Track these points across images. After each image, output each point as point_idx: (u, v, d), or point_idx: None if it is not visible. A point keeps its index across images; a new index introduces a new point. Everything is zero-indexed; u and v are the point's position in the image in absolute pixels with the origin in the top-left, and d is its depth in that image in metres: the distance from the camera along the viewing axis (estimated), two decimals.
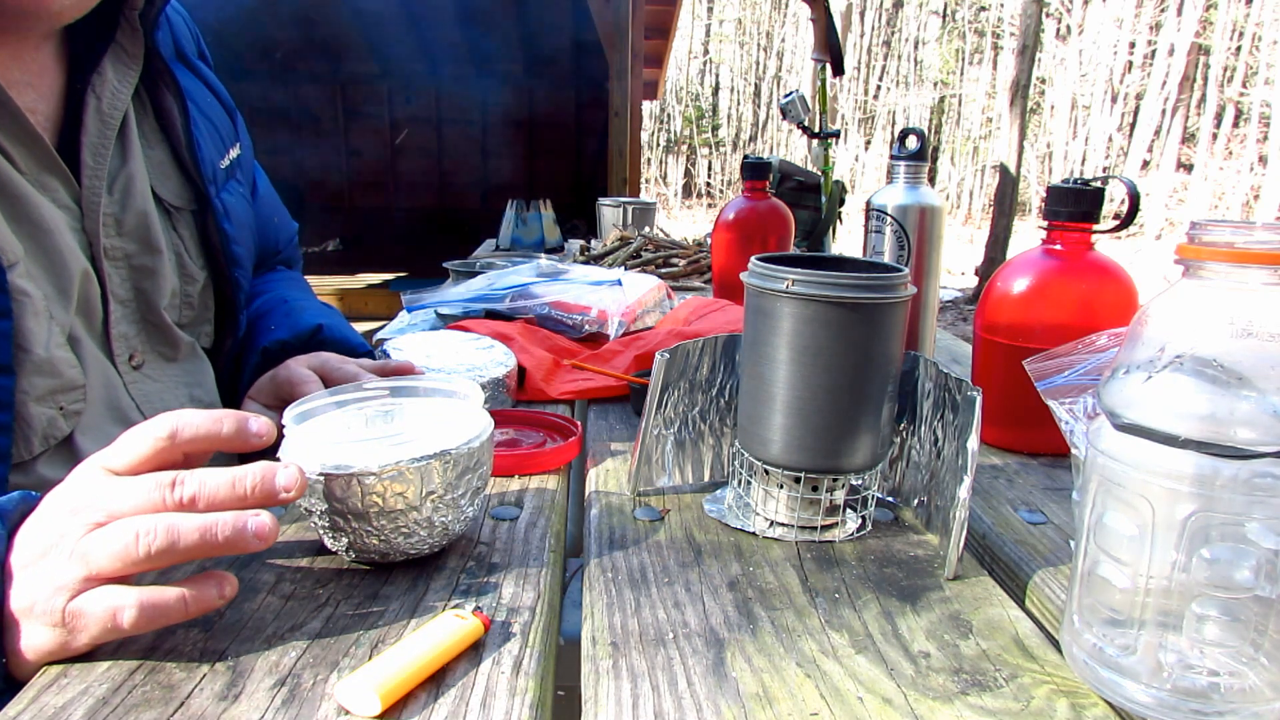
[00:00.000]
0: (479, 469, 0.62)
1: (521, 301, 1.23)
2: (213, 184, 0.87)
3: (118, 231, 0.78)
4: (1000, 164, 9.77)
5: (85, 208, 0.75)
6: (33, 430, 0.68)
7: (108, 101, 0.76)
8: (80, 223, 0.74)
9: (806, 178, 2.08)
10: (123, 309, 0.79)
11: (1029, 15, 9.38)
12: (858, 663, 0.50)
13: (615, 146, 5.43)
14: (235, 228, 0.90)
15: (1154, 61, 16.85)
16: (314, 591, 0.57)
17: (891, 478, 0.74)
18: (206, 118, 0.89)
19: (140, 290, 0.80)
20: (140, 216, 0.79)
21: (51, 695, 0.46)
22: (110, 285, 0.77)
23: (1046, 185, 0.93)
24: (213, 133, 0.90)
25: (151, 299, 0.81)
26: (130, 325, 0.80)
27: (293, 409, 0.62)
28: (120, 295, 0.78)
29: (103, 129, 0.76)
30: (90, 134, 0.75)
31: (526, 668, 0.49)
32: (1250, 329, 0.43)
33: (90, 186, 0.75)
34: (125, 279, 0.79)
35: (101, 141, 0.76)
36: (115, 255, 0.78)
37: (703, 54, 21.33)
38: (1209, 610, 0.44)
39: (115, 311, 0.77)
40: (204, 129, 0.87)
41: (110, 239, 0.77)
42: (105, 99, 0.76)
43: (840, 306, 0.61)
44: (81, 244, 0.74)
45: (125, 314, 0.79)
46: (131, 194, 0.79)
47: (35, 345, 0.67)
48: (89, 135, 0.75)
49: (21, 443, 0.67)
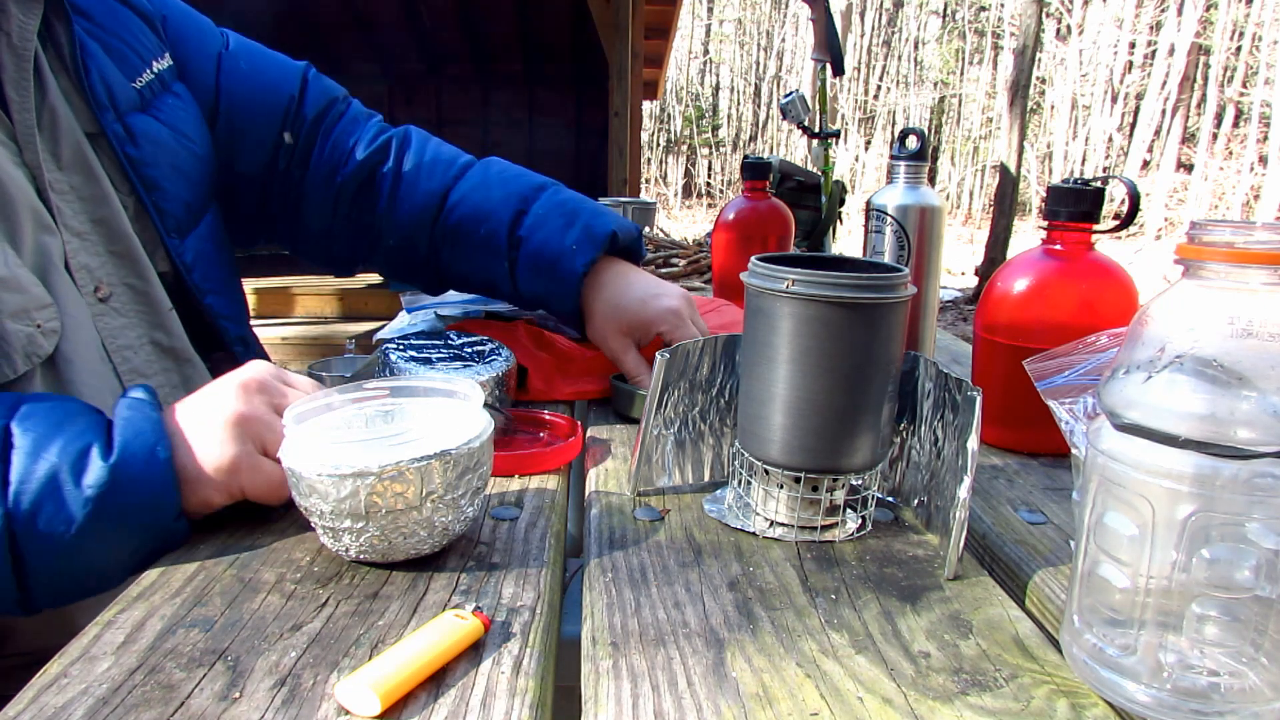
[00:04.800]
0: (479, 469, 0.62)
1: None
2: (109, 109, 0.84)
3: (58, 165, 0.79)
4: (1000, 164, 9.77)
5: (21, 141, 0.75)
6: (13, 348, 0.70)
7: (16, 35, 0.77)
8: (20, 157, 0.75)
9: (806, 178, 2.08)
10: (80, 241, 0.79)
11: (1029, 15, 9.38)
12: (858, 663, 0.50)
13: (615, 146, 5.43)
14: (144, 150, 0.87)
15: (1154, 61, 16.86)
16: (314, 591, 0.57)
17: (891, 478, 0.74)
18: (115, 36, 0.88)
19: (99, 220, 0.81)
20: (75, 146, 0.80)
21: (51, 695, 0.46)
22: (63, 219, 0.78)
23: (1046, 185, 0.93)
24: (122, 51, 0.88)
25: (115, 227, 0.82)
26: (92, 257, 0.80)
27: (292, 409, 0.62)
28: (75, 228, 0.79)
29: (19, 63, 0.76)
30: (8, 70, 0.76)
31: (526, 668, 0.49)
32: (1250, 329, 0.43)
33: (21, 120, 0.76)
34: (79, 211, 0.79)
35: (20, 76, 0.76)
36: (62, 188, 0.78)
37: (703, 54, 21.32)
38: (1209, 610, 0.44)
39: (71, 244, 0.78)
40: (98, 51, 0.85)
41: (52, 173, 0.78)
42: (14, 33, 0.76)
43: (840, 306, 0.61)
44: (27, 178, 0.75)
45: (84, 246, 0.80)
46: (59, 126, 0.79)
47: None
48: (6, 71, 0.75)
49: (4, 360, 0.70)
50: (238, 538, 0.64)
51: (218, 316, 0.94)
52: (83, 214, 0.79)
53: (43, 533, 0.57)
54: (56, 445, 0.59)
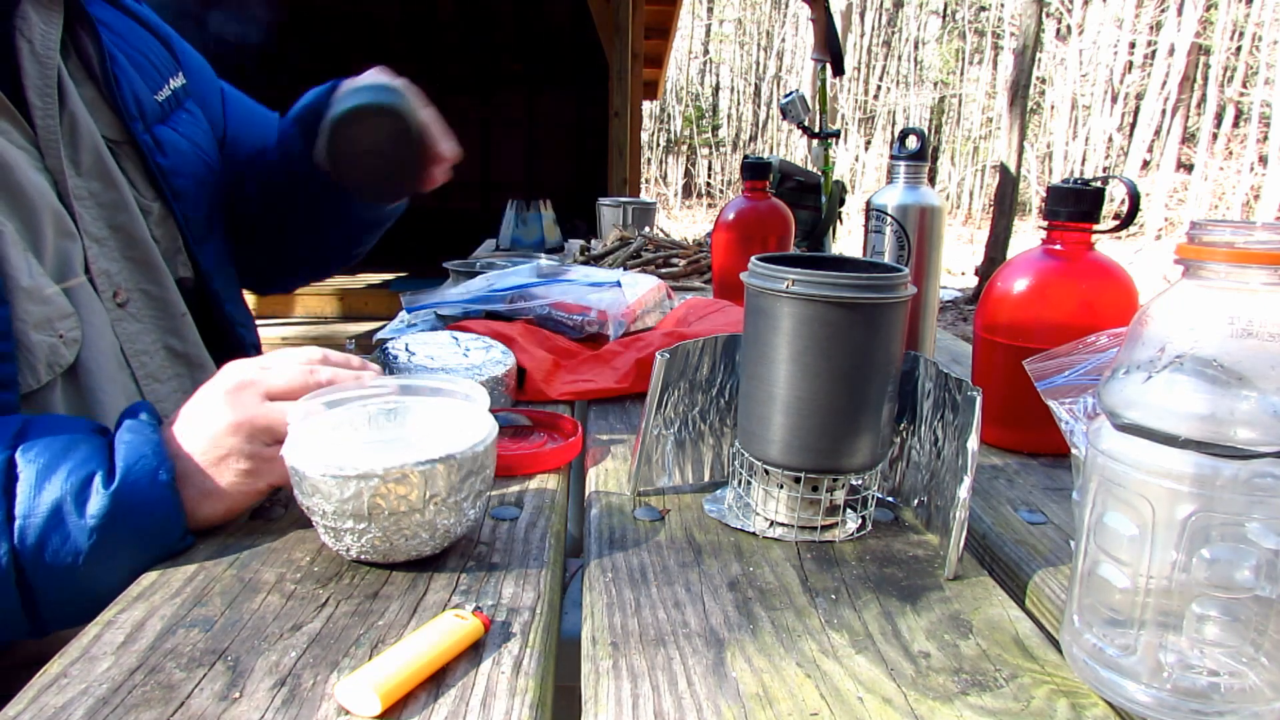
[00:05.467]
0: (482, 472, 0.62)
1: (521, 302, 1.23)
2: (138, 120, 0.86)
3: (77, 171, 0.79)
4: (1000, 164, 9.77)
5: (44, 147, 0.76)
6: (36, 358, 0.71)
7: (39, 43, 0.77)
8: (42, 162, 0.76)
9: (806, 178, 2.08)
10: (99, 247, 0.80)
11: (1029, 15, 9.38)
12: (858, 663, 0.50)
13: (615, 146, 5.43)
14: (173, 160, 0.89)
15: (1154, 61, 16.86)
16: (314, 591, 0.57)
17: (891, 478, 0.74)
18: (137, 51, 0.89)
19: (117, 227, 0.81)
20: (94, 153, 0.81)
21: (51, 695, 0.46)
22: (83, 224, 0.78)
23: (1046, 185, 0.93)
24: (145, 66, 0.90)
25: (133, 233, 0.82)
26: (111, 263, 0.81)
27: (297, 408, 0.62)
28: (95, 233, 0.80)
29: (42, 70, 0.77)
30: (31, 76, 0.76)
31: (526, 668, 0.49)
32: (1250, 329, 0.43)
33: (44, 126, 0.76)
34: (97, 217, 0.80)
35: (44, 83, 0.77)
36: (81, 194, 0.79)
37: (703, 54, 21.33)
38: (1209, 610, 0.44)
39: (91, 249, 0.79)
40: (126, 64, 0.87)
41: (73, 179, 0.78)
42: (36, 41, 0.77)
43: (840, 306, 0.61)
44: (49, 183, 0.76)
45: (103, 252, 0.80)
46: (79, 133, 0.80)
47: (19, 274, 0.69)
48: (30, 78, 0.76)
49: (28, 371, 0.70)
50: (238, 538, 0.64)
51: (235, 324, 0.97)
52: (101, 220, 0.80)
53: (50, 565, 0.58)
54: (59, 475, 0.59)
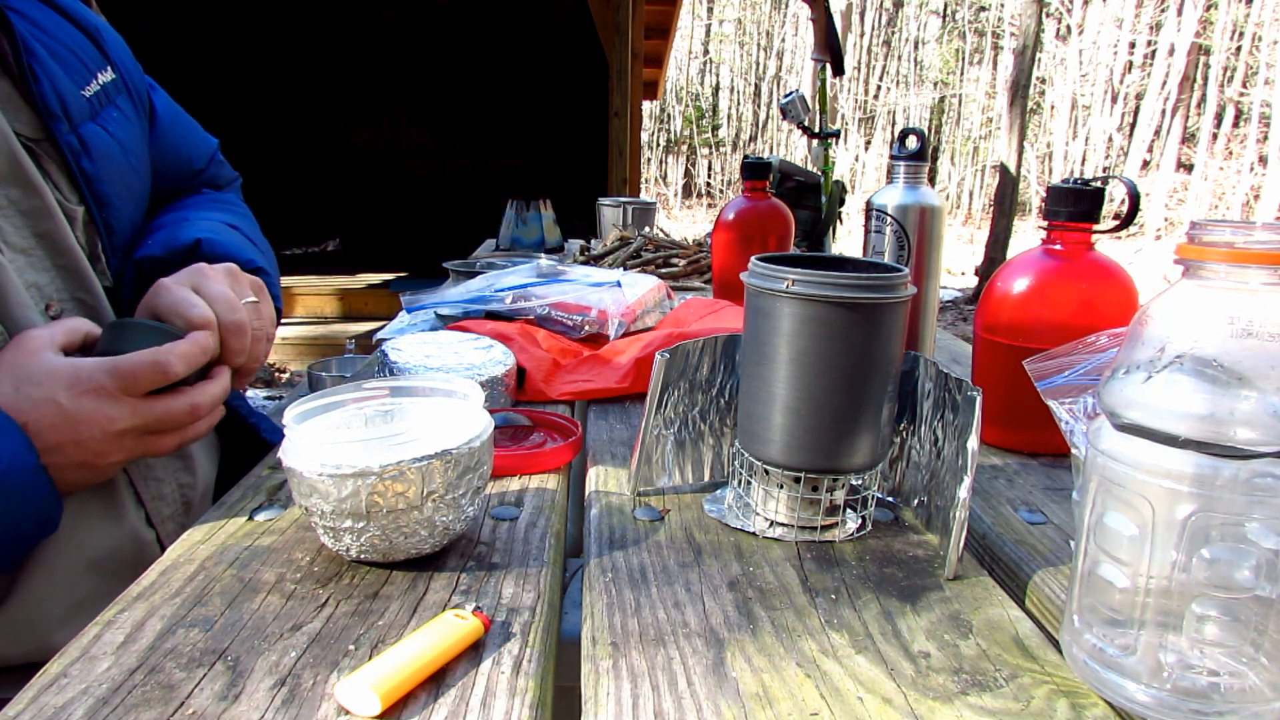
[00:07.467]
0: (479, 469, 0.62)
1: (521, 302, 1.23)
2: (61, 119, 0.80)
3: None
4: (1000, 164, 9.77)
5: None
6: None
7: None
8: None
9: (806, 178, 2.08)
10: (26, 258, 0.75)
11: (1029, 15, 9.38)
12: (858, 663, 0.50)
13: (615, 146, 5.44)
14: (99, 165, 0.83)
15: (1154, 61, 16.85)
16: (314, 591, 0.57)
17: (891, 478, 0.74)
18: (59, 43, 0.84)
19: (43, 235, 0.77)
20: (9, 156, 0.75)
21: (51, 695, 0.46)
22: (4, 235, 0.74)
23: (1046, 185, 0.93)
24: (68, 60, 0.84)
25: (59, 239, 0.77)
26: (39, 274, 0.77)
27: (292, 408, 0.62)
28: (18, 244, 0.75)
29: None
30: None
31: (526, 668, 0.49)
32: (1250, 329, 0.43)
33: None
34: (20, 226, 0.75)
35: None
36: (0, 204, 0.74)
37: (703, 54, 21.33)
38: (1209, 610, 0.44)
39: (17, 261, 0.74)
40: (46, 57, 0.81)
41: None
42: None
43: (840, 306, 0.61)
44: None
45: (30, 263, 0.76)
46: None
47: None
48: None
49: None
50: (238, 538, 0.64)
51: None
52: (25, 229, 0.75)
53: None
54: None
